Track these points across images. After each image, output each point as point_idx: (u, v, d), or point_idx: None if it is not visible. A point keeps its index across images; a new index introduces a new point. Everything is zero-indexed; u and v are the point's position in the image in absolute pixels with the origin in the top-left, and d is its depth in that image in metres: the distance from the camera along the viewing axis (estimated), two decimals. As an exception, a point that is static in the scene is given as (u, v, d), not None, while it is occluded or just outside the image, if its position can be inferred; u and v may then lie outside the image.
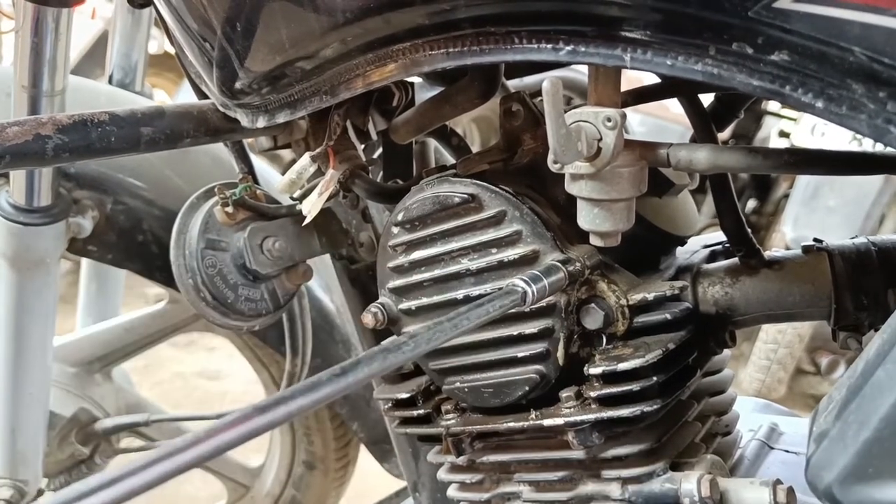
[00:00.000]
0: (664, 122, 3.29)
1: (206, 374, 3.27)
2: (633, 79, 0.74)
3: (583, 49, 0.48)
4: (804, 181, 3.04)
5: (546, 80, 0.48)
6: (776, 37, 0.42)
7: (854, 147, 2.65)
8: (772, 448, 0.83)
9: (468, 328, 0.50)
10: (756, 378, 3.13)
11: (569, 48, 0.48)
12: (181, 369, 3.29)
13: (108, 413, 1.56)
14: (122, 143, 0.70)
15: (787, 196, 3.29)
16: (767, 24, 0.42)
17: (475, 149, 0.81)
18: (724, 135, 3.26)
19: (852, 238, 0.67)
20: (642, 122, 3.41)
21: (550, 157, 0.53)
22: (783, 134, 3.44)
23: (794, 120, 3.39)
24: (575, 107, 0.55)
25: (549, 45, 0.49)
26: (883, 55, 0.39)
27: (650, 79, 0.70)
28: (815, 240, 0.67)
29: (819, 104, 0.42)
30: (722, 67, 0.44)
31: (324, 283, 1.46)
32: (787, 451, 0.82)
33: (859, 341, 0.66)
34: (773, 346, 3.07)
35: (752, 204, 3.74)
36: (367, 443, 1.58)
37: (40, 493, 1.40)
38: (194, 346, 3.39)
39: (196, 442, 0.34)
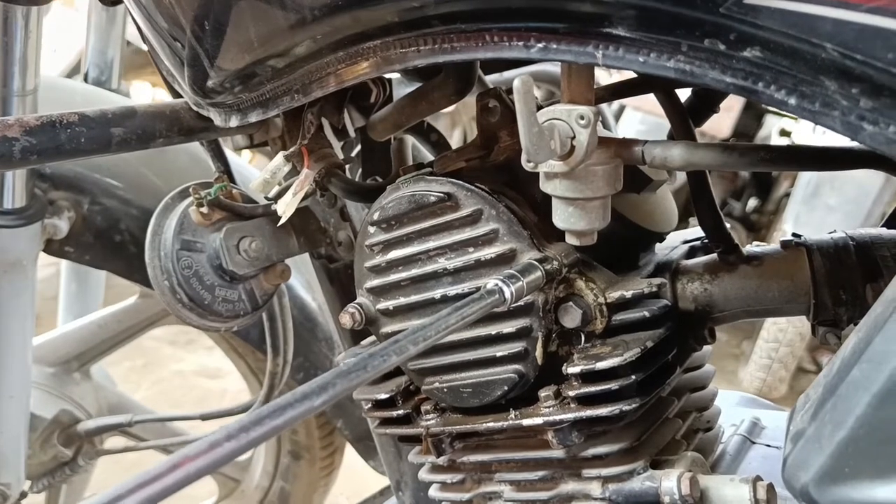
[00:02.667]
0: (664, 120, 3.27)
1: (206, 373, 3.25)
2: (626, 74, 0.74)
3: (554, 46, 0.47)
4: (805, 180, 3.04)
5: (517, 78, 0.47)
6: (748, 33, 0.41)
7: (854, 144, 2.64)
8: (753, 443, 0.83)
9: (449, 331, 0.49)
10: (757, 377, 3.13)
11: (540, 46, 0.48)
12: (180, 368, 3.27)
13: (89, 413, 1.55)
14: (92, 144, 0.68)
15: (788, 195, 3.30)
16: (739, 21, 0.41)
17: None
18: (724, 133, 3.26)
19: (830, 233, 0.67)
20: (643, 120, 3.39)
21: (524, 156, 0.52)
22: (784, 133, 3.45)
23: (795, 118, 3.39)
24: (551, 104, 0.55)
25: (521, 43, 0.48)
26: (855, 51, 0.39)
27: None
28: (794, 235, 0.67)
29: (792, 101, 0.42)
30: (694, 64, 0.44)
31: (305, 282, 1.45)
32: (768, 446, 0.82)
33: (838, 336, 0.66)
34: (774, 344, 3.07)
35: (753, 203, 3.74)
36: (351, 440, 1.57)
37: (23, 495, 1.39)
38: (194, 344, 3.37)
39: (173, 468, 0.34)
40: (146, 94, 3.89)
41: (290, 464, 1.79)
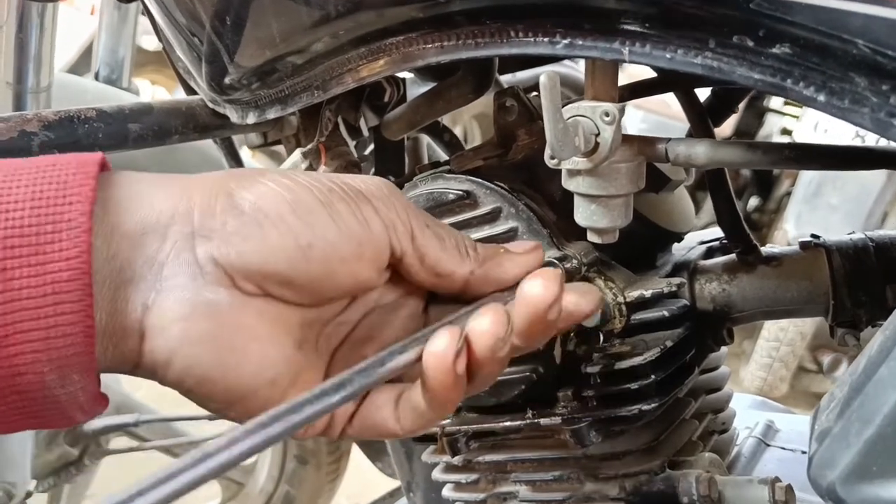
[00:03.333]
0: (666, 119, 3.28)
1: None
2: (634, 73, 0.74)
3: (580, 42, 0.47)
4: (806, 179, 3.03)
5: (543, 73, 0.47)
6: (778, 29, 0.41)
7: (857, 144, 2.64)
8: (768, 445, 0.83)
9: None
10: (758, 376, 3.12)
11: (566, 42, 0.47)
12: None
13: (95, 413, 1.54)
14: (109, 140, 0.69)
15: (789, 194, 3.29)
16: (769, 16, 0.41)
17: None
18: (725, 132, 3.26)
19: (850, 234, 0.66)
20: (644, 118, 3.39)
21: (547, 153, 0.52)
22: (785, 131, 3.45)
23: (797, 117, 3.39)
24: (570, 102, 0.54)
25: (546, 39, 0.48)
26: (887, 47, 0.39)
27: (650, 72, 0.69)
28: (813, 236, 0.67)
29: (821, 98, 0.41)
30: (722, 61, 0.43)
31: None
32: (783, 449, 0.82)
33: (857, 338, 0.66)
34: (775, 344, 3.07)
35: (754, 202, 3.74)
36: (359, 442, 1.57)
37: (29, 494, 1.39)
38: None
39: (195, 463, 0.33)
40: (146, 92, 3.89)
41: (295, 468, 1.79)
